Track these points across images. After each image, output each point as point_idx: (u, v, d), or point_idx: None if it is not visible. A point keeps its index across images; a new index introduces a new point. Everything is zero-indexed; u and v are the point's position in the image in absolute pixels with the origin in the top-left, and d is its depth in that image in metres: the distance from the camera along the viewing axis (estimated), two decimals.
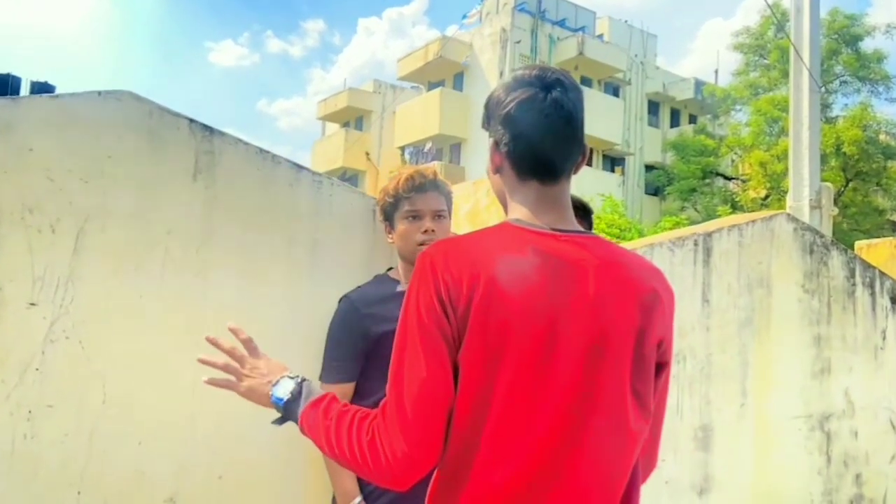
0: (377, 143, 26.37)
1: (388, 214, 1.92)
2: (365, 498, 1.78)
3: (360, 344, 1.83)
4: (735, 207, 19.23)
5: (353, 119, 28.32)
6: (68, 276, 1.65)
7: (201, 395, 1.82)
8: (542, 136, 1.17)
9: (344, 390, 1.83)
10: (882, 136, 18.59)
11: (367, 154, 25.74)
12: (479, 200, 2.45)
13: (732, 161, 22.00)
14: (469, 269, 1.08)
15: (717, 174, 21.99)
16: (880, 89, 19.17)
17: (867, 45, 18.95)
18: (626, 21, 26.13)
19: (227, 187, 1.86)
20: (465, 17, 22.69)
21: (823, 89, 18.25)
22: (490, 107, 1.23)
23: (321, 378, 1.86)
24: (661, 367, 1.22)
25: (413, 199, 1.87)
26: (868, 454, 3.21)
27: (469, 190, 2.43)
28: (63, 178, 1.65)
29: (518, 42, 21.94)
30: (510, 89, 1.20)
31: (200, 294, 1.81)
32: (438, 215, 1.89)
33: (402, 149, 23.72)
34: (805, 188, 6.68)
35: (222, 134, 1.86)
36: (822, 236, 3.08)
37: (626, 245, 2.61)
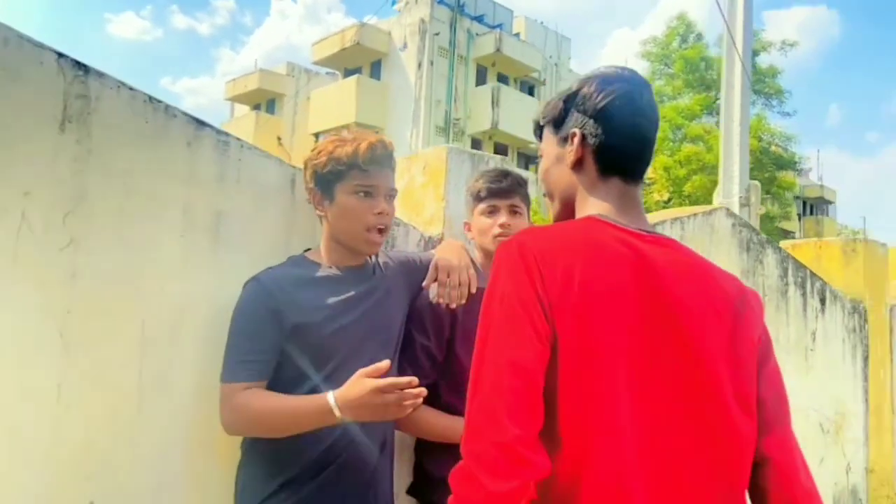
0: (290, 129, 25.45)
1: (329, 182, 1.60)
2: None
3: (273, 335, 1.51)
4: None
5: (264, 102, 27.20)
6: None
7: (67, 403, 1.45)
8: (636, 133, 1.17)
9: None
10: (774, 148, 19.74)
11: (279, 139, 24.77)
12: (413, 178, 2.18)
13: None
14: (564, 263, 1.03)
15: None
16: (774, 103, 20.35)
17: (762, 61, 20.02)
18: (541, 22, 26.51)
19: (105, 141, 1.48)
20: (394, 2, 22.14)
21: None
22: (574, 100, 1.19)
23: (223, 377, 1.51)
24: (763, 361, 1.16)
25: (371, 174, 1.59)
26: None
27: (402, 166, 2.16)
28: None
29: (437, 34, 21.72)
30: (604, 83, 1.17)
31: (68, 273, 1.44)
32: (391, 196, 1.64)
33: (317, 135, 23.00)
34: (735, 185, 6.66)
35: (100, 75, 1.48)
36: (757, 233, 3.01)
37: None
